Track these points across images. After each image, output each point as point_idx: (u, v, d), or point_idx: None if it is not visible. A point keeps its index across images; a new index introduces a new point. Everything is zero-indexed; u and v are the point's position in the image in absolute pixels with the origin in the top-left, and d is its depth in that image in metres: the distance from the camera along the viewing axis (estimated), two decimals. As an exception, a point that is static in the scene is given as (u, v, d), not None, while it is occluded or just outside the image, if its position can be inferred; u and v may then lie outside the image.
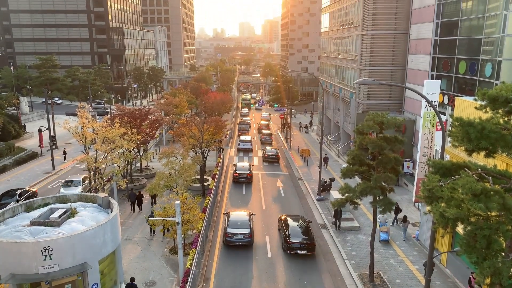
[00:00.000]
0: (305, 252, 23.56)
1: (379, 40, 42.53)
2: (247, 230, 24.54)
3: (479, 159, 15.41)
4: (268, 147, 50.55)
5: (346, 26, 50.09)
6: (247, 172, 37.93)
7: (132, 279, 18.82)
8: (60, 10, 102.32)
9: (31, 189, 30.88)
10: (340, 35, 53.35)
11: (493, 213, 10.35)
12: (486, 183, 10.72)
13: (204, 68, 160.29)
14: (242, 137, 55.40)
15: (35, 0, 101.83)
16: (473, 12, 30.16)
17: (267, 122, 73.52)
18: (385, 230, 25.56)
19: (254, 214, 28.41)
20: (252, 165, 42.14)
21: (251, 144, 53.10)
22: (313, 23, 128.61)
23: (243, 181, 37.64)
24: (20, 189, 30.51)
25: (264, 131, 61.94)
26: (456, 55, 32.06)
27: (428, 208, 11.12)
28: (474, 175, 10.76)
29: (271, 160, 46.71)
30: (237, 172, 37.92)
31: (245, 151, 52.07)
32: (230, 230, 24.58)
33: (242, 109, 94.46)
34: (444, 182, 10.82)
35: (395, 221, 28.21)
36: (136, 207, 30.21)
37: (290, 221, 25.65)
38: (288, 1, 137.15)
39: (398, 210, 28.21)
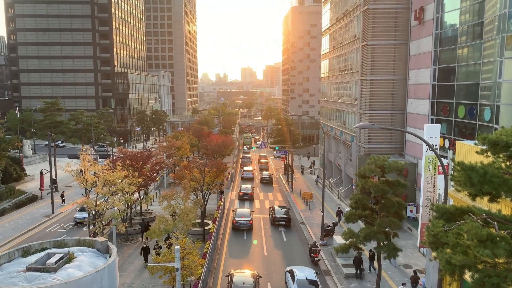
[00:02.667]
0: (284, 223, 37.30)
1: (378, 85, 43.33)
2: (248, 218, 36.47)
3: (483, 203, 15.21)
4: (264, 172, 65.71)
5: (346, 72, 51.27)
6: (250, 191, 49.51)
7: None
8: (67, 56, 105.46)
9: None
10: (339, 80, 54.51)
11: (500, 260, 10.08)
12: (491, 228, 10.52)
13: (206, 111, 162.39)
14: (245, 168, 68.90)
15: (44, 46, 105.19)
16: (469, 58, 30.92)
17: (266, 154, 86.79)
18: None
19: (254, 211, 40.10)
20: (253, 187, 52.67)
21: (253, 173, 65.16)
22: (313, 69, 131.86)
23: (246, 198, 48.56)
24: None
25: (262, 161, 77.67)
26: (455, 99, 32.53)
27: (434, 254, 10.86)
28: (479, 220, 10.60)
29: (266, 182, 60.60)
30: (242, 191, 49.27)
31: (248, 180, 62.05)
32: (237, 218, 36.37)
33: (244, 146, 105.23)
34: (448, 228, 10.64)
35: (371, 268, 27.09)
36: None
37: (276, 207, 40.11)
38: (288, 48, 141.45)
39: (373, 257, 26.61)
